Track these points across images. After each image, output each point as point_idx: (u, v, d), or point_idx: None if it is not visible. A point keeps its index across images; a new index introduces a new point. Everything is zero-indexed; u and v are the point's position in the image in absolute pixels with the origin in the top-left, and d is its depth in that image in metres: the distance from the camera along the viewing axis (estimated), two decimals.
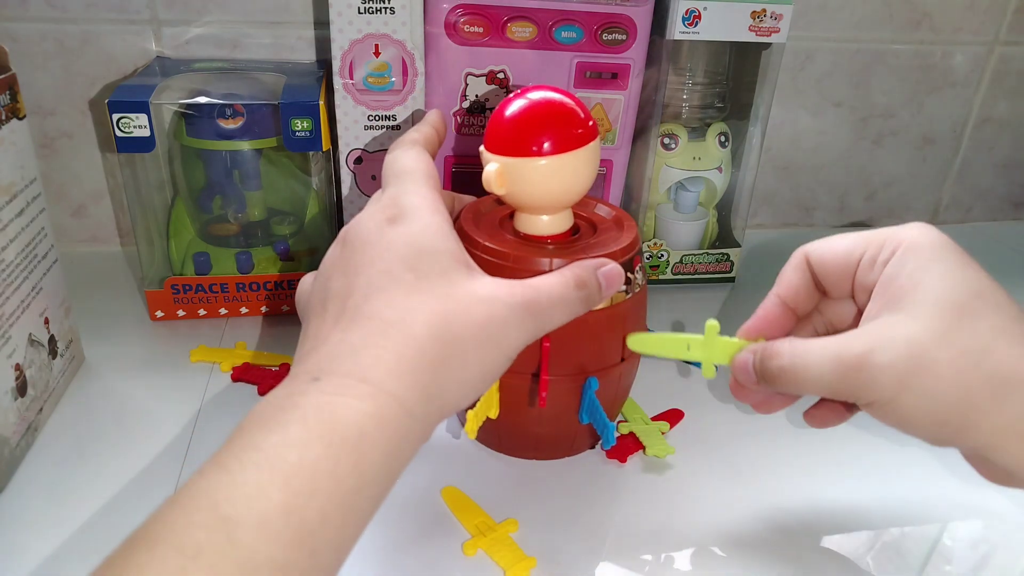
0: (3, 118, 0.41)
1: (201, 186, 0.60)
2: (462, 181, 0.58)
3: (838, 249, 0.35)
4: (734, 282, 0.67)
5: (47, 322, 0.46)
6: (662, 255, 0.65)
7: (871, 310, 0.32)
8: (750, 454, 0.47)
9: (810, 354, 0.31)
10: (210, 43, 0.62)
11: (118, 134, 0.50)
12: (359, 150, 0.54)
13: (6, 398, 0.41)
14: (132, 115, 0.49)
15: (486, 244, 0.39)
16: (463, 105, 0.55)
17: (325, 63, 0.62)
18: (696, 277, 0.66)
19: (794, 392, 0.34)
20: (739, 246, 0.66)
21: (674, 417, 0.49)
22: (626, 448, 0.46)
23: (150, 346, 0.54)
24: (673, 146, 0.62)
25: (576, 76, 0.55)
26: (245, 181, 0.59)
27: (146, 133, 0.50)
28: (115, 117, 0.49)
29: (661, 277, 0.66)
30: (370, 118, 0.53)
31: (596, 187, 0.60)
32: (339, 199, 0.58)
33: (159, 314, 0.57)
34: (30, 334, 0.44)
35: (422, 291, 0.29)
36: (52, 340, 0.47)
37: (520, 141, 0.36)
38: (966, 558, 0.40)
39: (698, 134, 0.63)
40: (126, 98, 0.49)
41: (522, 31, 0.52)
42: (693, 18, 0.55)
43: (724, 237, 0.68)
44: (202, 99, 0.52)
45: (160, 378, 0.51)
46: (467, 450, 0.46)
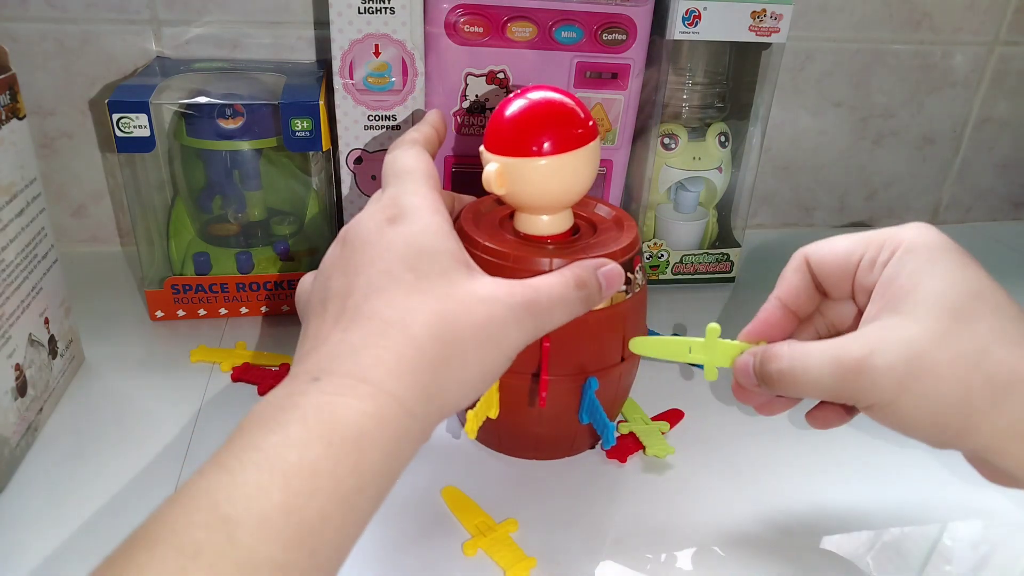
0: (3, 118, 0.41)
1: (201, 186, 0.60)
2: (462, 181, 0.58)
3: (838, 250, 0.35)
4: (734, 282, 0.67)
5: (47, 322, 0.46)
6: (662, 255, 0.65)
7: (871, 312, 0.32)
8: (750, 454, 0.47)
9: (809, 357, 0.31)
10: (210, 43, 0.62)
11: (118, 134, 0.50)
12: (359, 150, 0.54)
13: (6, 398, 0.41)
14: (132, 115, 0.49)
15: (486, 244, 0.39)
16: (463, 105, 0.55)
17: (325, 63, 0.62)
18: (696, 277, 0.66)
19: (794, 395, 0.34)
20: (739, 246, 0.66)
21: (674, 417, 0.49)
22: (626, 448, 0.46)
23: (150, 346, 0.54)
24: (673, 146, 0.62)
25: (576, 76, 0.55)
26: (245, 181, 0.59)
27: (146, 133, 0.50)
28: (115, 117, 0.49)
29: (661, 277, 0.66)
30: (370, 118, 0.53)
31: (596, 187, 0.60)
32: (339, 199, 0.58)
33: (159, 314, 0.57)
34: (30, 334, 0.44)
35: (422, 291, 0.29)
36: (52, 340, 0.47)
37: (520, 141, 0.36)
38: (966, 558, 0.40)
39: (698, 134, 0.63)
40: (126, 98, 0.49)
41: (522, 31, 0.52)
42: (693, 18, 0.55)
43: (724, 237, 0.68)
44: (202, 99, 0.52)
45: (160, 378, 0.51)
46: (467, 450, 0.46)
